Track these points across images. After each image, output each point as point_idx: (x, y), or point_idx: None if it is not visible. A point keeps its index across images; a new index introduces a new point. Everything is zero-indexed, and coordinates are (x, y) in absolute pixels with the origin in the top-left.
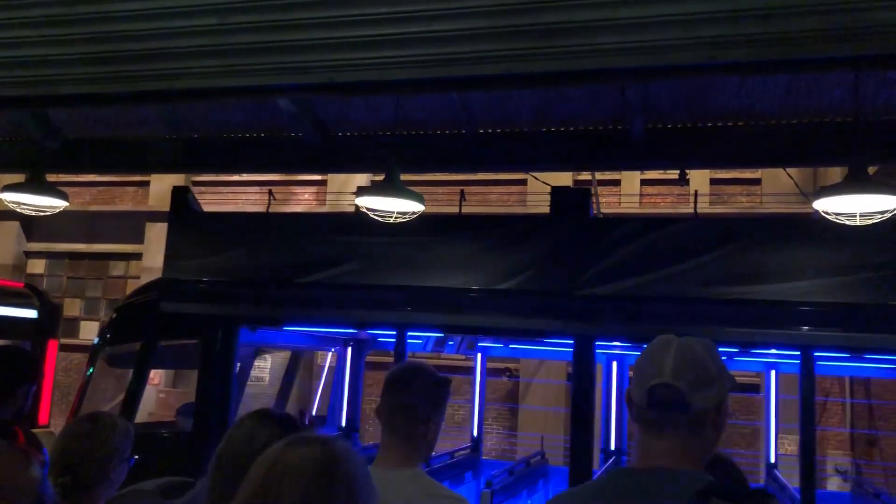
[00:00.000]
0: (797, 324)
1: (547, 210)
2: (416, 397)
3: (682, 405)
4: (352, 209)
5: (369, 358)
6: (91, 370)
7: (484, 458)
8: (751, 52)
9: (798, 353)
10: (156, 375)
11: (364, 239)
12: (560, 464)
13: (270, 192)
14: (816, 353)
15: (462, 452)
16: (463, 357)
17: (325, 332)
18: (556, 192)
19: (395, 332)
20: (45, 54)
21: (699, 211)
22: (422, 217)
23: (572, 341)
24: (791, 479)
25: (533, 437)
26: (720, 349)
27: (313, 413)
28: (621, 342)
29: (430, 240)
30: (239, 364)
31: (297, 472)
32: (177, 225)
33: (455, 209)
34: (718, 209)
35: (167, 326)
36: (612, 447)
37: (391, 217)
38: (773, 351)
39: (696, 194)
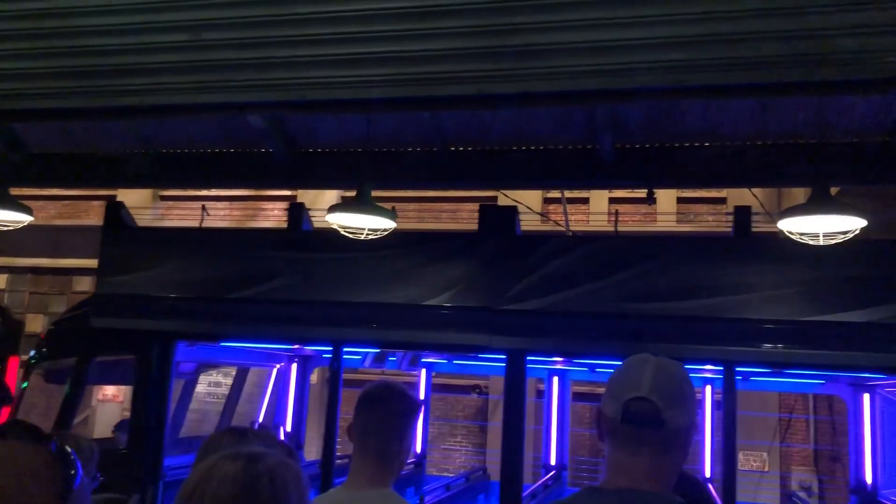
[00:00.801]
0: (716, 339)
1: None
2: (391, 416)
3: (657, 421)
4: (322, 225)
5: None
6: (25, 384)
7: (449, 474)
8: (716, 77)
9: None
10: (119, 392)
11: (298, 254)
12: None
13: (203, 208)
14: (744, 370)
15: (405, 468)
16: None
17: (267, 348)
18: (484, 210)
19: (330, 348)
20: (12, 68)
21: (665, 229)
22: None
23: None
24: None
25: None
26: None
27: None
28: (546, 356)
29: (362, 256)
30: (183, 380)
31: (218, 491)
32: (110, 240)
33: (425, 225)
34: (685, 227)
35: (102, 342)
36: (553, 462)
37: (362, 234)
38: (709, 367)
39: (616, 213)
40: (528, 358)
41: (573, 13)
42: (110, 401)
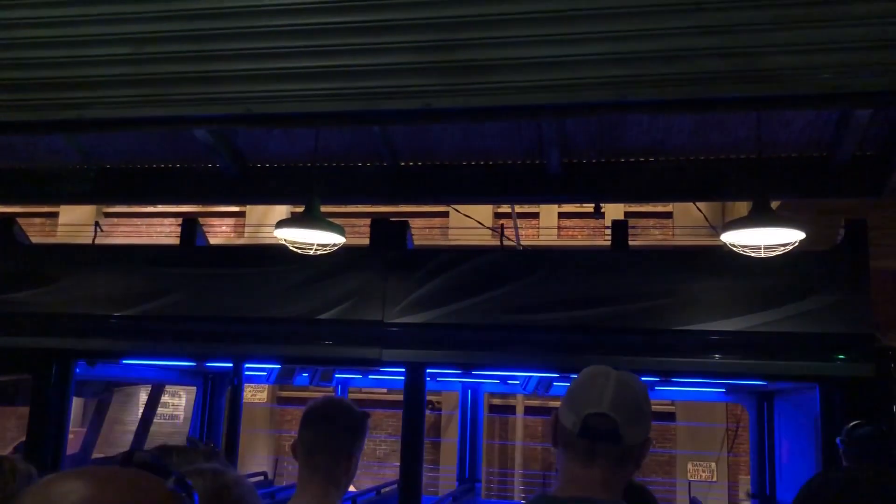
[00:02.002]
0: (602, 349)
1: (469, 242)
2: (339, 432)
3: (615, 437)
4: (271, 241)
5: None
6: None
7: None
8: (658, 92)
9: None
10: None
11: (192, 270)
12: (427, 493)
13: (97, 224)
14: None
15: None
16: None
17: (176, 366)
18: (375, 224)
19: (231, 365)
20: None
21: (607, 244)
22: (249, 248)
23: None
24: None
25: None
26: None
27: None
28: (439, 369)
29: (256, 271)
30: (95, 400)
31: None
32: (0, 257)
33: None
34: (632, 242)
35: None
36: (467, 475)
37: (311, 249)
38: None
39: (501, 227)
40: (443, 372)
41: (520, 29)
42: None
